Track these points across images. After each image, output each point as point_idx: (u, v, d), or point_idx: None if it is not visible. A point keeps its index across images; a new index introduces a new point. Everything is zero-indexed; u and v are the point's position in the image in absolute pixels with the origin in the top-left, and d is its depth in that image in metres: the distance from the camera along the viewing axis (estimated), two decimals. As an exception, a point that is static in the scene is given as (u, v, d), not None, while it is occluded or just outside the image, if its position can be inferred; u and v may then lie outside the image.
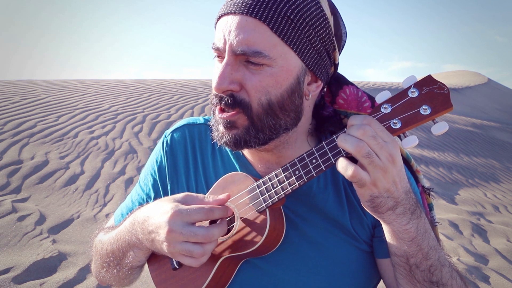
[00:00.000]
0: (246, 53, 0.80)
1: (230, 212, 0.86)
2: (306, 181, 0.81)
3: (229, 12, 0.82)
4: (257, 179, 0.88)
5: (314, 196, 0.93)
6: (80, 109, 9.69)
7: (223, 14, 0.84)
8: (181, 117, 9.74)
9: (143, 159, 6.68)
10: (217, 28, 0.86)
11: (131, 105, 10.59)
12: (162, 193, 1.03)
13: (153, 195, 1.04)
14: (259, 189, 0.86)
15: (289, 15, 0.80)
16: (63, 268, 3.38)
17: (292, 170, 0.82)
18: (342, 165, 0.75)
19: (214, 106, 0.88)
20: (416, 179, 0.97)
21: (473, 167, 9.91)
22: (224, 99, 0.84)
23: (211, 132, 0.92)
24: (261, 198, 0.85)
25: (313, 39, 0.83)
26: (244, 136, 0.85)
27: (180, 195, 0.87)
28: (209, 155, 1.01)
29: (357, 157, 0.73)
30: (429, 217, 0.97)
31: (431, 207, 0.98)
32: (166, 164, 1.03)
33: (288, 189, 0.82)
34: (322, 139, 0.98)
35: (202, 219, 0.82)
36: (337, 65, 0.92)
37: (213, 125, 0.91)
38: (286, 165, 0.83)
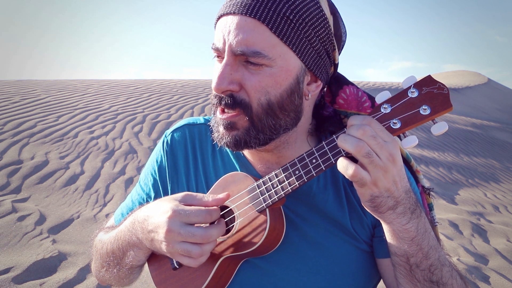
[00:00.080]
0: (245, 53, 0.80)
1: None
2: (306, 181, 0.81)
3: (228, 12, 0.82)
4: (257, 179, 0.88)
5: (314, 196, 0.93)
6: (80, 109, 9.69)
7: (222, 14, 0.84)
8: (181, 117, 9.74)
9: (143, 159, 6.68)
10: (216, 28, 0.86)
11: (131, 105, 10.59)
12: (162, 193, 1.03)
13: (153, 195, 1.04)
14: (259, 189, 0.86)
15: (288, 15, 0.80)
16: (63, 268, 3.38)
17: (292, 170, 0.82)
18: (342, 165, 0.75)
19: (214, 106, 0.89)
20: (416, 179, 0.97)
21: (473, 167, 9.91)
22: (224, 99, 0.84)
23: (211, 132, 0.92)
24: (261, 198, 0.85)
25: (312, 39, 0.83)
26: (244, 137, 0.85)
27: (179, 195, 0.87)
28: (209, 155, 1.01)
29: (357, 156, 0.73)
30: (429, 217, 0.97)
31: (431, 207, 0.98)
32: (166, 164, 1.03)
33: (288, 189, 0.82)
34: (322, 139, 0.98)
35: (200, 222, 0.82)
36: (337, 65, 0.92)
37: (213, 125, 0.91)
38: (286, 165, 0.83)
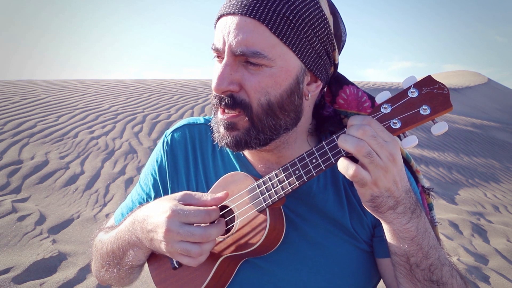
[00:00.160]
0: (245, 54, 0.80)
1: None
2: (306, 180, 0.81)
3: (228, 12, 0.82)
4: (257, 179, 0.88)
5: (314, 196, 0.93)
6: (80, 109, 9.68)
7: (222, 14, 0.84)
8: (181, 117, 9.74)
9: (143, 159, 6.68)
10: (216, 28, 0.86)
11: (131, 105, 10.59)
12: (162, 193, 1.03)
13: (153, 195, 1.04)
14: (259, 189, 0.86)
15: (288, 15, 0.80)
16: (63, 268, 3.38)
17: (292, 170, 0.82)
18: (343, 165, 0.75)
19: (214, 107, 0.89)
20: (416, 179, 0.97)
21: (473, 167, 9.91)
22: (224, 100, 0.84)
23: (211, 132, 0.92)
24: (261, 197, 0.85)
25: (312, 40, 0.83)
26: (244, 137, 0.85)
27: (179, 194, 0.87)
28: (210, 155, 1.01)
29: (357, 156, 0.73)
30: (429, 217, 0.97)
31: (431, 207, 0.98)
32: (166, 164, 1.03)
33: (288, 189, 0.82)
34: (322, 139, 0.98)
35: (199, 221, 0.82)
36: (337, 65, 0.92)
37: (214, 126, 0.91)
38: (286, 164, 0.83)
